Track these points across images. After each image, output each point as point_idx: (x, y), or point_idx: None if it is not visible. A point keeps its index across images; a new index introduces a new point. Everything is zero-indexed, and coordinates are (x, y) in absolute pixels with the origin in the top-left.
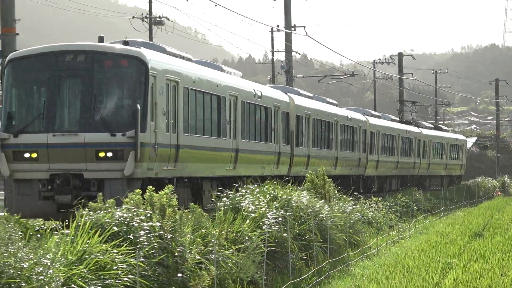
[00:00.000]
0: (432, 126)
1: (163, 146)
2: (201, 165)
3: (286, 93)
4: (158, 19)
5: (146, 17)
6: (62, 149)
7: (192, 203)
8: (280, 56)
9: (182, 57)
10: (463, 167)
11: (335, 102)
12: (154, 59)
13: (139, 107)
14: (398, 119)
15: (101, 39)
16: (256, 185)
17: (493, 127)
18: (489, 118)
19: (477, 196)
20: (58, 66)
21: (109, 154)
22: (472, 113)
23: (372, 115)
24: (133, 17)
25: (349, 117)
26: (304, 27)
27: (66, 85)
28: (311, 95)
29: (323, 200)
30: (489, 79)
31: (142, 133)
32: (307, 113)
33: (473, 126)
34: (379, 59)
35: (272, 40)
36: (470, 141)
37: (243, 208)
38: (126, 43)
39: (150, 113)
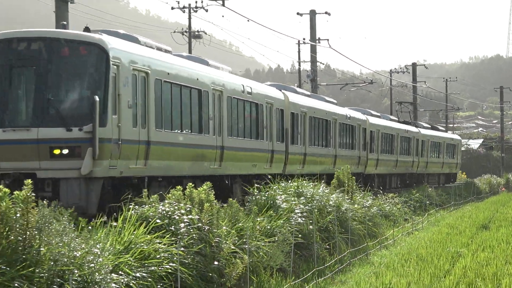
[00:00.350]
0: (430, 126)
1: (128, 142)
2: (178, 163)
3: (281, 90)
4: (196, 33)
5: (185, 32)
6: (13, 145)
7: (230, 199)
8: (306, 66)
9: (160, 49)
10: (458, 166)
11: (334, 101)
12: (118, 48)
13: (97, 99)
14: (397, 119)
15: (63, 26)
16: (286, 182)
17: (498, 129)
18: (494, 121)
19: (483, 192)
20: (10, 54)
21: (65, 151)
22: (479, 117)
23: (372, 115)
24: (174, 32)
25: (349, 116)
26: (328, 40)
27: (18, 75)
28: (308, 93)
29: (342, 193)
30: (494, 87)
31: (101, 127)
32: (303, 110)
33: (480, 129)
34: (395, 68)
35: (299, 51)
36: (477, 142)
37: (278, 204)
38: (87, 29)
39: (111, 105)
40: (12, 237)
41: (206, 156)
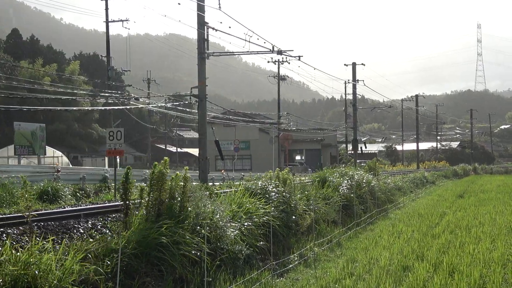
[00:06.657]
0: None
1: None
2: None
3: None
4: (282, 77)
5: (276, 76)
6: None
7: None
8: (349, 96)
9: None
10: None
11: None
12: None
13: None
14: None
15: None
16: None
17: (469, 136)
18: (467, 130)
19: (460, 174)
20: None
21: None
22: (457, 128)
23: None
24: (269, 76)
25: None
26: (363, 80)
27: None
28: None
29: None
30: (466, 109)
31: None
32: None
33: (458, 135)
34: (405, 97)
35: (345, 87)
36: (456, 144)
37: (330, 180)
38: None
39: None
40: (175, 201)
41: None
